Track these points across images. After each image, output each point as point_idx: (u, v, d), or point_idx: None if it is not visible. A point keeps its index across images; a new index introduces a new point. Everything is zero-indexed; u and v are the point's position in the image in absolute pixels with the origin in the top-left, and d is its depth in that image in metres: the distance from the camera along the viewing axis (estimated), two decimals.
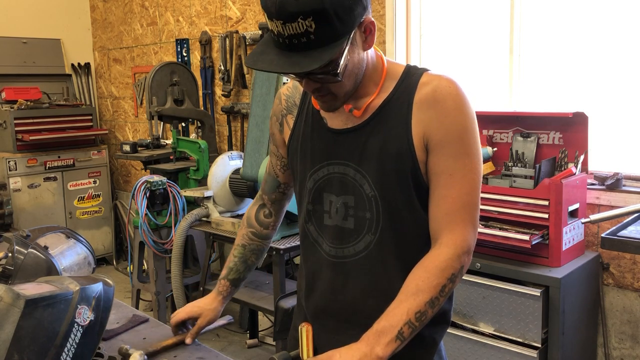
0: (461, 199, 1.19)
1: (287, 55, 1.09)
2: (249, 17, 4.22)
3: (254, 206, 1.59)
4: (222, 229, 3.37)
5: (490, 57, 3.22)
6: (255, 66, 1.13)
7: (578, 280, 2.52)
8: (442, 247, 1.19)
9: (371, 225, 1.26)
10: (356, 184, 1.26)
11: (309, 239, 1.37)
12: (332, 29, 1.07)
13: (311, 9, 1.03)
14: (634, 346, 2.70)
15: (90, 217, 5.34)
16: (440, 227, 1.21)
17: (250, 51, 1.15)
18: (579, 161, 2.61)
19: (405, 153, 1.21)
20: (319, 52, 1.07)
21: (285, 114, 1.41)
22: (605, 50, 2.83)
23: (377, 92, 1.26)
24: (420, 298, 1.15)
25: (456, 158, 1.19)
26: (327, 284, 1.34)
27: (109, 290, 1.44)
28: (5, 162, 4.76)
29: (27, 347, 1.22)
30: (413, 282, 1.17)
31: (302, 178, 1.36)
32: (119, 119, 5.72)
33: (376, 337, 1.13)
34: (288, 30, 1.06)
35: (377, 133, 1.24)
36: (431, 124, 1.20)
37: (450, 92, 1.19)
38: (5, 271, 1.68)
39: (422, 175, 1.23)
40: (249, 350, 3.65)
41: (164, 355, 1.52)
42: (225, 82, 4.31)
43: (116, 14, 5.49)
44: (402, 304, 1.15)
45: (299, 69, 1.08)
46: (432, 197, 1.22)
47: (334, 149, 1.29)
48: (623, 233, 2.03)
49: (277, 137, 1.45)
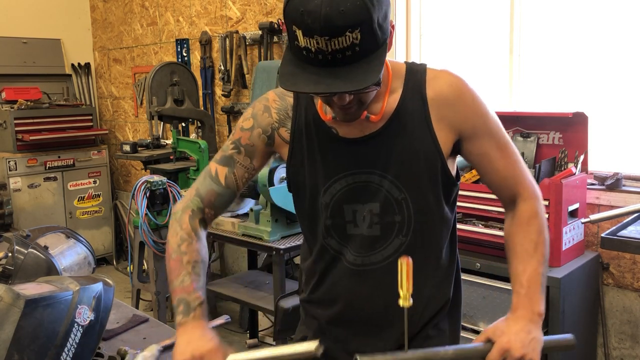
0: (517, 161, 1.30)
1: (331, 71, 1.03)
2: (249, 17, 4.22)
3: (194, 218, 1.33)
4: (222, 229, 3.37)
5: (490, 57, 3.22)
6: (296, 88, 1.06)
7: (578, 280, 2.52)
8: (526, 201, 1.29)
9: (401, 228, 1.26)
10: (382, 189, 1.24)
11: (329, 253, 1.32)
12: (374, 38, 1.04)
13: (359, 20, 1.00)
14: (634, 346, 2.70)
15: (90, 217, 5.34)
16: (515, 187, 1.30)
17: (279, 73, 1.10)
18: (578, 161, 2.61)
19: (431, 151, 1.23)
20: (366, 64, 1.04)
21: (276, 127, 1.32)
22: (605, 50, 2.83)
23: (387, 95, 1.24)
24: (540, 249, 1.25)
25: (492, 135, 1.27)
26: (351, 293, 1.31)
27: (109, 290, 1.44)
28: (5, 162, 4.76)
29: (27, 346, 1.22)
30: (527, 239, 1.26)
31: (314, 193, 1.30)
32: (119, 119, 5.72)
33: (529, 300, 1.19)
34: (333, 46, 1.01)
35: (399, 136, 1.23)
36: (457, 118, 1.24)
37: (461, 86, 1.25)
38: (5, 271, 1.68)
39: (450, 170, 1.26)
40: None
41: (164, 355, 1.52)
42: (225, 82, 4.31)
43: (116, 14, 5.49)
44: (530, 259, 1.23)
45: (357, 86, 1.02)
46: (492, 169, 1.29)
47: (352, 159, 1.25)
48: (623, 233, 2.03)
49: (260, 149, 1.34)
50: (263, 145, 1.33)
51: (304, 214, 1.34)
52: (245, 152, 1.34)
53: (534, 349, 1.15)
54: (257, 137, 1.33)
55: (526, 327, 1.16)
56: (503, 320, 1.20)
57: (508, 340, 1.14)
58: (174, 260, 1.27)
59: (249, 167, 1.34)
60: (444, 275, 1.35)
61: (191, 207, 1.33)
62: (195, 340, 1.17)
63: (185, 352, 1.15)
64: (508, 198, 1.32)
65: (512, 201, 1.32)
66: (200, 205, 1.34)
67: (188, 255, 1.27)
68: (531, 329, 1.16)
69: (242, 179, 1.35)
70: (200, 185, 1.35)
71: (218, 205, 1.35)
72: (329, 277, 1.34)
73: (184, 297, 1.21)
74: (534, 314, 1.18)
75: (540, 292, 1.21)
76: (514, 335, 1.14)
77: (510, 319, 1.19)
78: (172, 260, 1.27)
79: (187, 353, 1.15)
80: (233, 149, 1.34)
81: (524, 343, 1.13)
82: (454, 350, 1.17)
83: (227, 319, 1.72)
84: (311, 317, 1.43)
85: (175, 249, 1.28)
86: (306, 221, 1.35)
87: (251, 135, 1.33)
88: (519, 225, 1.29)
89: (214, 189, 1.34)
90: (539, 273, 1.22)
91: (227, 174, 1.34)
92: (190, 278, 1.24)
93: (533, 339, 1.15)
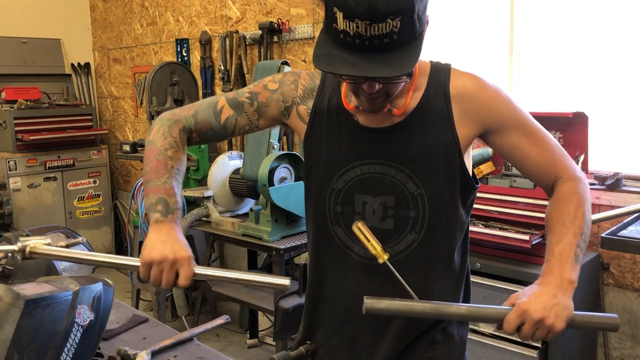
0: (552, 146, 1.27)
1: (367, 57, 1.04)
2: (249, 17, 4.21)
3: (184, 132, 1.33)
4: (222, 228, 3.37)
5: (490, 57, 3.22)
6: (332, 69, 1.06)
7: (578, 280, 2.52)
8: (566, 182, 1.25)
9: (415, 224, 1.25)
10: (397, 183, 1.24)
11: (335, 243, 1.31)
12: (413, 29, 1.04)
13: (402, 8, 1.01)
14: (634, 346, 2.70)
15: (90, 217, 5.34)
16: (553, 172, 1.26)
17: (314, 55, 1.07)
18: (579, 161, 2.61)
19: (451, 148, 1.23)
20: (402, 53, 1.04)
21: (298, 102, 1.33)
22: (605, 50, 2.83)
23: (412, 90, 1.24)
24: (577, 222, 1.19)
25: (520, 125, 1.26)
26: (360, 288, 1.28)
27: (109, 290, 1.44)
28: (5, 162, 4.76)
29: (27, 347, 1.22)
30: (564, 213, 1.21)
31: (326, 178, 1.30)
32: (119, 119, 5.72)
33: (560, 266, 1.14)
34: (372, 31, 1.01)
35: (419, 130, 1.23)
36: (482, 112, 1.24)
37: (482, 83, 1.27)
38: (5, 271, 1.68)
39: (467, 168, 1.26)
40: (249, 350, 3.65)
41: (164, 355, 1.52)
42: (225, 82, 4.31)
43: (116, 13, 5.49)
44: (566, 231, 1.18)
45: (394, 72, 1.03)
46: (527, 160, 1.26)
47: (370, 149, 1.25)
48: (623, 233, 2.03)
49: (271, 112, 1.34)
50: (277, 111, 1.34)
51: (313, 198, 1.34)
52: (257, 108, 1.34)
53: (557, 315, 1.08)
54: (275, 101, 1.34)
55: (551, 291, 1.10)
56: (530, 286, 1.14)
57: (528, 301, 1.08)
58: (159, 161, 1.26)
59: (254, 122, 1.35)
60: (454, 279, 1.33)
61: (183, 123, 1.34)
62: (171, 242, 1.16)
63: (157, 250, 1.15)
64: (549, 185, 1.29)
65: (553, 182, 1.28)
66: (192, 127, 1.34)
67: (174, 162, 1.28)
68: (557, 293, 1.10)
69: (240, 128, 1.35)
70: (200, 110, 1.36)
71: (206, 137, 1.36)
72: (337, 269, 1.32)
73: (164, 197, 1.21)
74: (563, 279, 1.12)
75: (573, 261, 1.15)
76: (534, 297, 1.09)
77: (536, 284, 1.14)
78: (155, 161, 1.27)
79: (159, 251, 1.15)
80: (247, 99, 1.35)
81: (546, 306, 1.07)
82: (467, 307, 1.12)
83: (227, 319, 1.72)
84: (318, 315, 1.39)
85: (162, 152, 1.28)
86: (313, 205, 1.34)
87: (270, 97, 1.34)
88: (557, 203, 1.24)
89: (211, 122, 1.34)
90: (574, 244, 1.16)
91: (230, 116, 1.34)
92: (172, 182, 1.24)
93: (557, 304, 1.08)
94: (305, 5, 3.78)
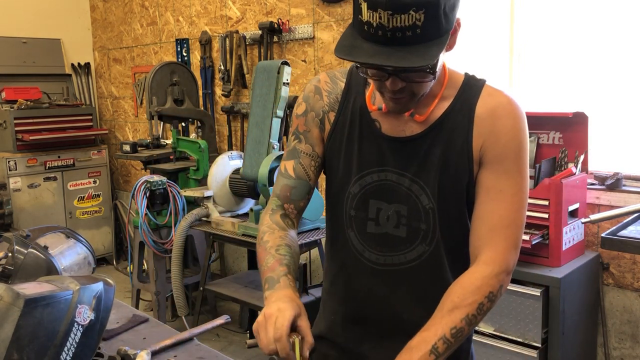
0: (508, 216, 1.18)
1: (387, 49, 1.02)
2: (249, 17, 4.22)
3: (275, 214, 1.36)
4: (222, 228, 3.37)
5: (490, 57, 3.22)
6: (352, 57, 1.05)
7: (578, 280, 2.52)
8: (480, 265, 1.17)
9: (426, 237, 1.24)
10: (411, 195, 1.23)
11: (348, 246, 1.31)
12: (437, 25, 1.03)
13: (426, 0, 0.99)
14: (634, 346, 2.70)
15: (90, 217, 5.34)
16: (482, 244, 1.19)
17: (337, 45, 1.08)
18: (579, 161, 2.61)
19: (464, 167, 1.21)
20: (424, 48, 1.02)
21: (327, 111, 1.32)
22: (605, 50, 2.83)
23: (438, 99, 1.22)
24: (456, 314, 1.12)
25: (509, 175, 1.18)
26: (369, 292, 1.30)
27: (109, 290, 1.44)
28: (5, 162, 4.76)
29: (26, 346, 1.22)
30: (449, 299, 1.15)
31: (344, 181, 1.29)
32: (119, 119, 5.72)
33: (409, 353, 1.10)
34: (394, 22, 1.00)
35: (437, 144, 1.21)
36: (489, 138, 1.19)
37: (511, 110, 1.20)
38: (5, 271, 1.68)
39: (473, 189, 1.23)
40: (249, 350, 3.64)
41: (164, 355, 1.52)
42: (225, 82, 4.31)
43: (116, 13, 5.49)
44: (437, 320, 1.13)
45: (409, 63, 1.01)
46: (478, 211, 1.20)
47: (388, 156, 1.25)
48: (623, 233, 2.03)
49: (316, 135, 1.34)
50: (317, 129, 1.34)
51: (331, 199, 1.34)
52: (305, 140, 1.34)
53: None
54: (312, 120, 1.34)
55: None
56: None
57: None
58: (260, 250, 1.30)
59: (313, 154, 1.34)
60: None
61: (271, 207, 1.37)
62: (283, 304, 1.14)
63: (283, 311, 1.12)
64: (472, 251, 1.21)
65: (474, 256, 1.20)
66: (279, 202, 1.36)
67: (270, 242, 1.29)
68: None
69: (310, 167, 1.35)
70: (276, 186, 1.38)
71: (295, 198, 1.36)
72: (349, 271, 1.33)
73: (269, 275, 1.22)
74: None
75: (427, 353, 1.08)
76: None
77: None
78: (259, 253, 1.30)
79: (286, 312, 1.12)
80: (294, 140, 1.36)
81: None
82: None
83: (227, 319, 1.72)
84: (329, 312, 1.41)
85: (259, 243, 1.31)
86: (329, 207, 1.35)
87: (306, 120, 1.34)
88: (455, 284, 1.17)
89: (287, 183, 1.36)
90: (441, 336, 1.10)
91: (295, 165, 1.35)
92: (274, 258, 1.24)
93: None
94: (305, 5, 3.78)
